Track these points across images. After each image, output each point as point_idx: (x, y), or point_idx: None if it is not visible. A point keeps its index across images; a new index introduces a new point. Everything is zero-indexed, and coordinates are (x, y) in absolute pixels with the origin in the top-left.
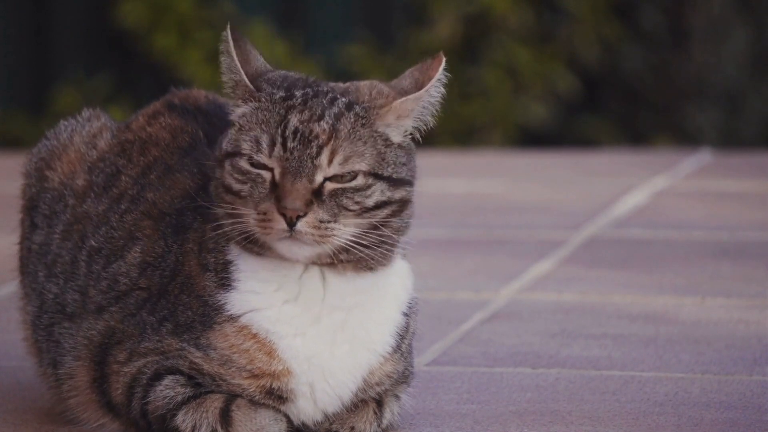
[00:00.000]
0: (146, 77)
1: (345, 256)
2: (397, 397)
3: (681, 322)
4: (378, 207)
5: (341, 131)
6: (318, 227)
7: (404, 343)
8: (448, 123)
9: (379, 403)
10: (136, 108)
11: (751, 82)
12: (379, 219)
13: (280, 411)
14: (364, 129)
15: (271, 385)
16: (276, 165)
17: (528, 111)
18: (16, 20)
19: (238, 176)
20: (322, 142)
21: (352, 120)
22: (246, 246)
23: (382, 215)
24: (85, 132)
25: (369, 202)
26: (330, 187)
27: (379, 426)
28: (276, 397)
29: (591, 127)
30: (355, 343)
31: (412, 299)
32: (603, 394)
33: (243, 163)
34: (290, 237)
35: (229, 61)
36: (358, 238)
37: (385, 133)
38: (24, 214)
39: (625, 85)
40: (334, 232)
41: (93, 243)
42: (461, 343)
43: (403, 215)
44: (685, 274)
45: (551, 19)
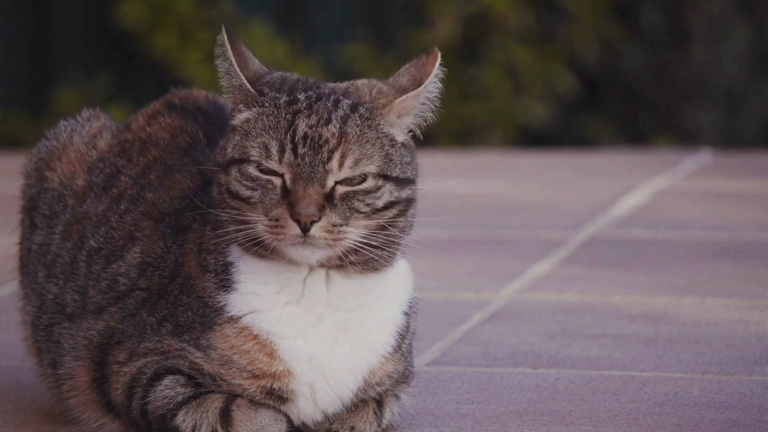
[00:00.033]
0: (146, 77)
1: (354, 258)
2: (397, 397)
3: (681, 322)
4: (386, 207)
5: (350, 134)
6: (331, 231)
7: (405, 343)
8: (448, 123)
9: (379, 403)
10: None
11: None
12: (386, 219)
13: (281, 411)
14: (370, 130)
15: (272, 385)
16: (286, 171)
17: (528, 111)
18: (16, 20)
19: (246, 183)
20: (333, 147)
21: (359, 122)
22: (251, 249)
23: (390, 215)
24: (85, 132)
25: (379, 204)
26: (341, 190)
27: (379, 426)
28: (276, 398)
29: (591, 127)
30: (356, 343)
31: (412, 299)
32: (603, 394)
33: (251, 170)
34: (303, 242)
35: (227, 66)
36: (367, 239)
37: (390, 133)
38: (24, 215)
39: (625, 85)
40: (346, 234)
41: (93, 243)
42: (461, 343)
43: (408, 214)
44: (685, 274)
45: (551, 19)
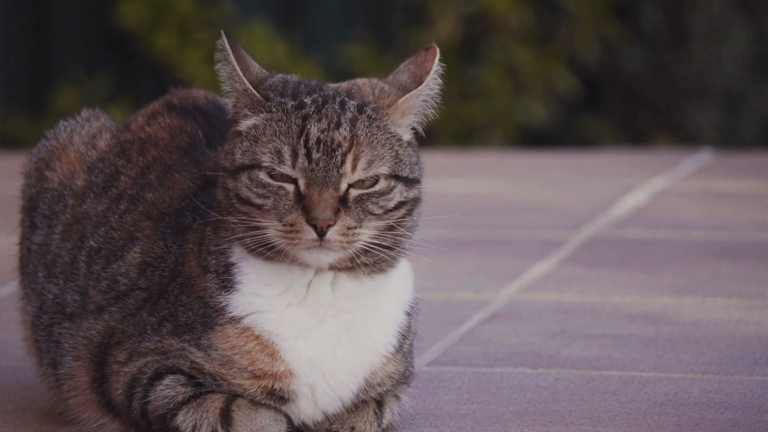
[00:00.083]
0: (146, 77)
1: (364, 258)
2: (397, 397)
3: (681, 322)
4: (396, 208)
5: (360, 136)
6: (346, 234)
7: (406, 344)
8: (448, 123)
9: (380, 404)
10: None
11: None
12: (395, 219)
13: (281, 411)
14: (379, 131)
15: (273, 385)
16: (300, 176)
17: (528, 111)
18: (16, 20)
19: (258, 190)
20: (345, 150)
21: (367, 123)
22: (257, 252)
23: (399, 215)
24: (85, 132)
25: (390, 205)
26: (355, 193)
27: (379, 426)
28: (277, 398)
29: (591, 127)
30: (358, 343)
31: (414, 299)
32: (603, 394)
33: (263, 176)
34: (319, 246)
35: (229, 70)
36: (377, 239)
37: (397, 132)
38: (24, 215)
39: (625, 85)
40: (360, 236)
41: (92, 243)
42: (461, 343)
43: (414, 214)
44: (685, 274)
45: (551, 19)
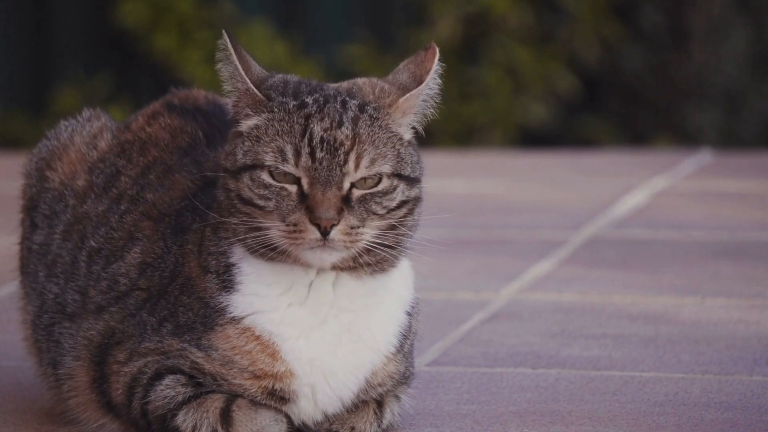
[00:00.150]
0: (146, 77)
1: (367, 258)
2: (397, 397)
3: (681, 322)
4: (398, 207)
5: (362, 135)
6: (349, 233)
7: (407, 344)
8: (448, 123)
9: (380, 404)
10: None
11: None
12: (397, 219)
13: (281, 411)
14: (380, 130)
15: (273, 386)
16: (304, 175)
17: (528, 111)
18: (16, 20)
19: (260, 190)
20: (348, 149)
21: (369, 122)
22: (259, 252)
23: (401, 214)
24: (86, 132)
25: (393, 204)
26: (358, 193)
27: (379, 426)
28: (277, 398)
29: (591, 127)
30: (359, 343)
31: (414, 299)
32: (603, 394)
33: (265, 177)
34: (323, 245)
35: (231, 70)
36: (380, 238)
37: (398, 132)
38: (24, 214)
39: (625, 85)
40: (363, 236)
41: (93, 243)
42: (461, 343)
43: (415, 213)
44: (685, 274)
45: (551, 19)
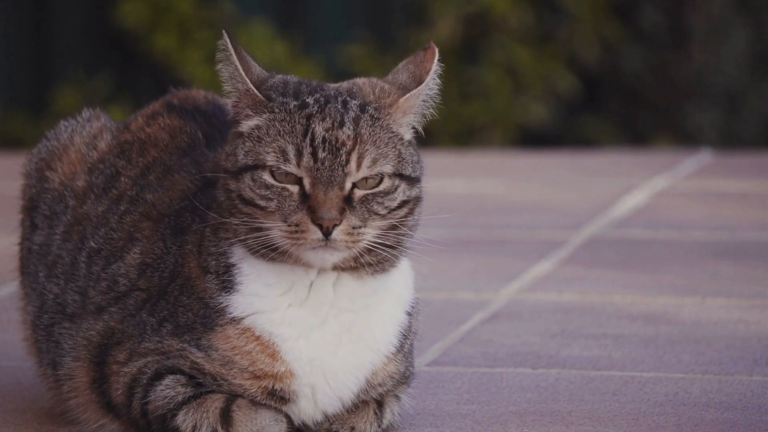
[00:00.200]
0: (146, 77)
1: (368, 258)
2: (397, 397)
3: (681, 322)
4: (399, 207)
5: (364, 135)
6: (351, 233)
7: (407, 343)
8: (448, 123)
9: (380, 404)
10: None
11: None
12: (398, 218)
13: (281, 411)
14: (381, 130)
15: (273, 386)
16: (305, 175)
17: (528, 111)
18: (16, 20)
19: (261, 191)
20: (349, 149)
21: (370, 122)
22: (260, 253)
23: (401, 214)
24: (86, 133)
25: (394, 204)
26: (359, 193)
27: (379, 426)
28: (278, 398)
29: (591, 127)
30: (359, 343)
31: (414, 299)
32: (603, 394)
33: (267, 177)
34: (324, 245)
35: (231, 70)
36: (381, 238)
37: (399, 132)
38: (24, 215)
39: (625, 85)
40: (364, 236)
41: (92, 244)
42: (461, 343)
43: (416, 212)
44: (685, 274)
45: (551, 19)
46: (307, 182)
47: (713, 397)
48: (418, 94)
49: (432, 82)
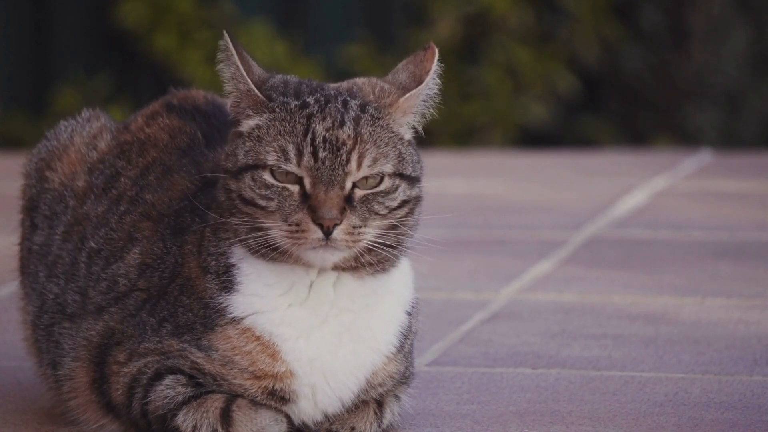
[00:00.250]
0: (146, 77)
1: (368, 258)
2: (397, 397)
3: (681, 322)
4: (400, 207)
5: (364, 134)
6: (351, 233)
7: (407, 343)
8: (448, 123)
9: (380, 404)
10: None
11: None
12: (398, 218)
13: (281, 411)
14: (382, 130)
15: (273, 386)
16: (306, 174)
17: (528, 111)
18: (16, 20)
19: (261, 191)
20: (350, 148)
21: (370, 121)
22: (260, 253)
23: (402, 214)
24: (86, 133)
25: (394, 204)
26: (360, 193)
27: (379, 426)
28: (278, 398)
29: (591, 127)
30: (359, 343)
31: (414, 298)
32: (603, 394)
33: (267, 177)
34: (325, 245)
35: (233, 71)
36: (381, 238)
37: (399, 132)
38: (24, 215)
39: (625, 85)
40: (365, 235)
41: (92, 244)
42: (461, 343)
43: (416, 212)
44: (685, 274)
45: (551, 19)
46: (307, 182)
47: (713, 397)
48: (418, 94)
49: (432, 81)
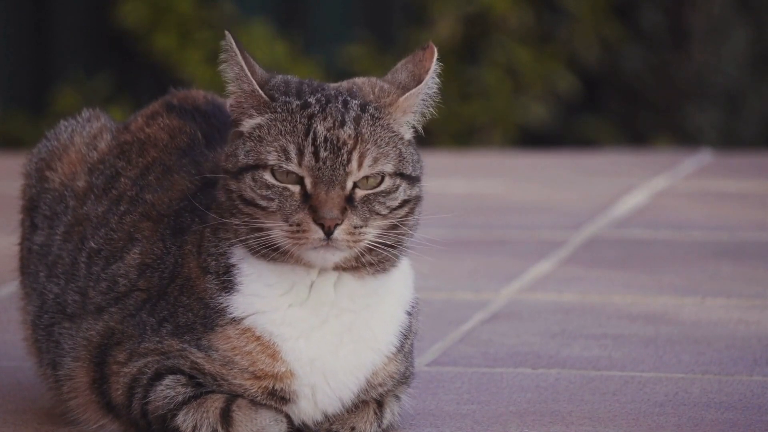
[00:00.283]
0: (146, 77)
1: (369, 258)
2: (397, 397)
3: (681, 322)
4: (400, 206)
5: (364, 134)
6: (352, 233)
7: (407, 343)
8: (448, 123)
9: (380, 404)
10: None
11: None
12: (398, 218)
13: (282, 411)
14: (382, 129)
15: (274, 386)
16: (307, 174)
17: (528, 111)
18: (16, 20)
19: (262, 191)
20: (350, 148)
21: (370, 121)
22: (261, 253)
23: (402, 214)
24: (86, 133)
25: (395, 203)
26: (361, 193)
27: (379, 426)
28: (278, 398)
29: (591, 127)
30: (360, 343)
31: (414, 298)
32: (603, 394)
33: (268, 177)
34: (326, 245)
35: (237, 71)
36: (381, 238)
37: (399, 131)
38: (24, 215)
39: (625, 85)
40: (366, 235)
41: (92, 244)
42: (461, 343)
43: (416, 212)
44: (685, 274)
45: (551, 19)
46: (308, 182)
47: (713, 397)
48: (417, 93)
49: (431, 81)
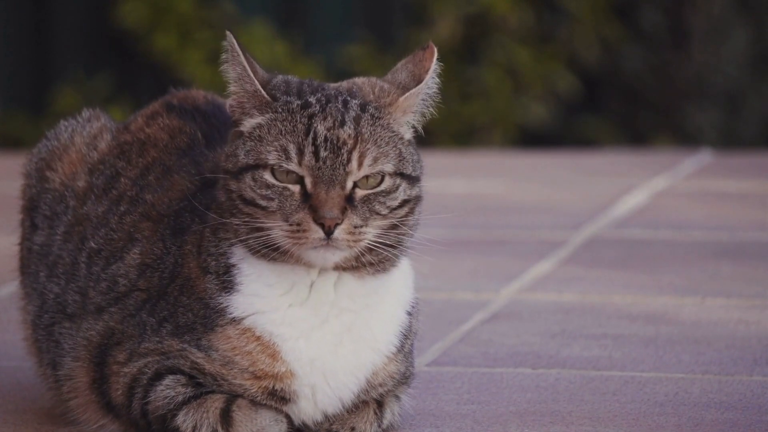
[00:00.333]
0: (146, 77)
1: (369, 257)
2: (397, 397)
3: (681, 322)
4: (400, 206)
5: (364, 134)
6: (353, 233)
7: (407, 343)
8: (448, 123)
9: (380, 404)
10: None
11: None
12: (398, 218)
13: (282, 411)
14: (382, 129)
15: (274, 386)
16: (307, 174)
17: (528, 111)
18: (16, 20)
19: (262, 191)
20: (350, 148)
21: (370, 121)
22: (261, 253)
23: (402, 214)
24: (86, 133)
25: (395, 203)
26: (361, 193)
27: (379, 426)
28: (278, 398)
29: (591, 127)
30: (360, 343)
31: (414, 298)
32: (603, 395)
33: (268, 176)
34: (326, 245)
35: (239, 71)
36: (382, 237)
37: (399, 131)
38: (24, 215)
39: (625, 85)
40: (366, 235)
41: (92, 244)
42: (461, 343)
43: (416, 212)
44: (685, 274)
45: (551, 19)
46: (308, 181)
47: (713, 397)
48: (417, 93)
49: (431, 80)
